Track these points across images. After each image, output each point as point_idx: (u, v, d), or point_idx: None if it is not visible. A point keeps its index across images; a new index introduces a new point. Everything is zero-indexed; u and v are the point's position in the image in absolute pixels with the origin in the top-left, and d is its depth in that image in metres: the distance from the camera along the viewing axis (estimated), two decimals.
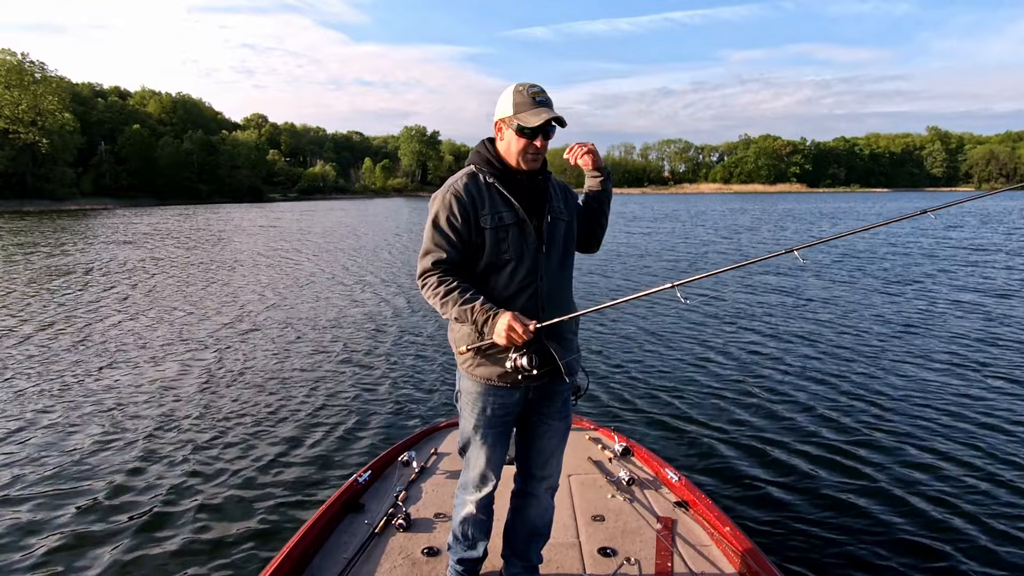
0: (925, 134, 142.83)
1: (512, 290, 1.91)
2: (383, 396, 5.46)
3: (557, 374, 1.96)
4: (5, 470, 4.03)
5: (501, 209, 1.89)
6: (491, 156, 1.95)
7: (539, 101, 1.86)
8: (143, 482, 3.87)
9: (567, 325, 1.97)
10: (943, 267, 13.55)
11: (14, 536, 3.27)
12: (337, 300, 10.27)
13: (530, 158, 1.91)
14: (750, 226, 28.15)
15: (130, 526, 3.36)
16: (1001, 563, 3.01)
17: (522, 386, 1.98)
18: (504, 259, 1.89)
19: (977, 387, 5.50)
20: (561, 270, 2.01)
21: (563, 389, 2.08)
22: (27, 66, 56.88)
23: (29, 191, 54.63)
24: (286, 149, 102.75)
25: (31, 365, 6.44)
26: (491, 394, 1.98)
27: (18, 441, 4.50)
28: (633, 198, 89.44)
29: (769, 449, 4.29)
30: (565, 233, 2.02)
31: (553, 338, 1.94)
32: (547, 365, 1.93)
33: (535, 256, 1.91)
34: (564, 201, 2.05)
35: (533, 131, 1.86)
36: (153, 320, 8.71)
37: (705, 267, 13.87)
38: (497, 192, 1.91)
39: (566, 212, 2.04)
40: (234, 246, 19.91)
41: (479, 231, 1.88)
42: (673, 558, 2.37)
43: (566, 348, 1.99)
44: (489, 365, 1.94)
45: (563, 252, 2.02)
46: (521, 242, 1.90)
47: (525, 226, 1.90)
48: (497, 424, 2.04)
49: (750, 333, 7.67)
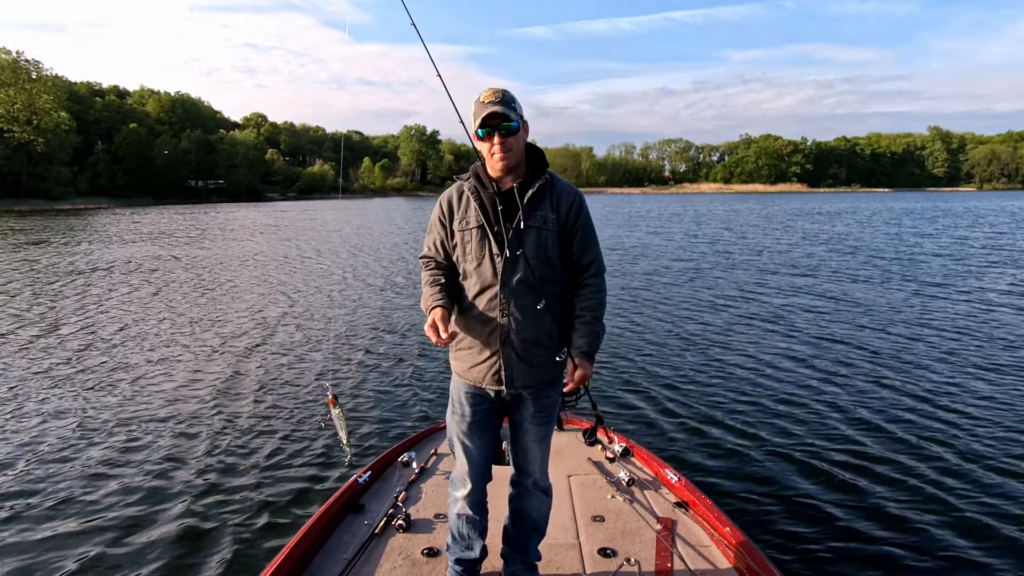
0: (926, 134, 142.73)
1: (475, 292, 1.99)
2: (383, 396, 5.46)
3: (528, 386, 2.02)
4: (5, 470, 4.03)
5: (469, 214, 2.00)
6: (478, 167, 2.04)
7: (488, 103, 1.90)
8: (143, 482, 3.87)
9: (537, 340, 1.97)
10: (910, 256, 13.57)
11: (14, 536, 3.27)
12: (338, 299, 10.27)
13: (495, 158, 1.93)
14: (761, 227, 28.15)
15: (130, 526, 3.36)
16: (1002, 563, 3.01)
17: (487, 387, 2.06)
18: (469, 260, 2.00)
19: (980, 385, 5.51)
20: (537, 279, 1.92)
21: (538, 396, 2.07)
22: (22, 64, 56.56)
23: (24, 190, 54.38)
24: (285, 148, 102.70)
25: (23, 366, 6.44)
26: (463, 387, 2.10)
27: (18, 441, 4.50)
28: (634, 198, 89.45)
29: (769, 449, 4.29)
30: (545, 243, 1.95)
31: (514, 351, 1.97)
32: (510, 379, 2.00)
33: (495, 260, 1.94)
34: (556, 210, 1.97)
35: (484, 132, 1.92)
36: (152, 320, 8.71)
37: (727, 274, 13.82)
38: (470, 199, 2.00)
39: (555, 223, 1.96)
40: (234, 245, 19.91)
41: (452, 235, 2.04)
42: (673, 558, 2.37)
43: (528, 364, 1.99)
44: (459, 360, 2.09)
45: (539, 261, 1.93)
46: (482, 246, 1.97)
47: (486, 231, 1.95)
48: (474, 416, 2.10)
49: (750, 333, 7.68)
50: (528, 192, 1.95)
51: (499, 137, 1.91)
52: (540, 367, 2.02)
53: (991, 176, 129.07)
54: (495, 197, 1.96)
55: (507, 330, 1.96)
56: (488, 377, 2.01)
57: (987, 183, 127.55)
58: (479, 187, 2.00)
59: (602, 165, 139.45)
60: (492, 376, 2.01)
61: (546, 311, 1.97)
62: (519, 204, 1.94)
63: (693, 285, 11.55)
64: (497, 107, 1.87)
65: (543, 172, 2.00)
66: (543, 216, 1.96)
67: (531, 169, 2.01)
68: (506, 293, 1.94)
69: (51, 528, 3.34)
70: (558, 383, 2.11)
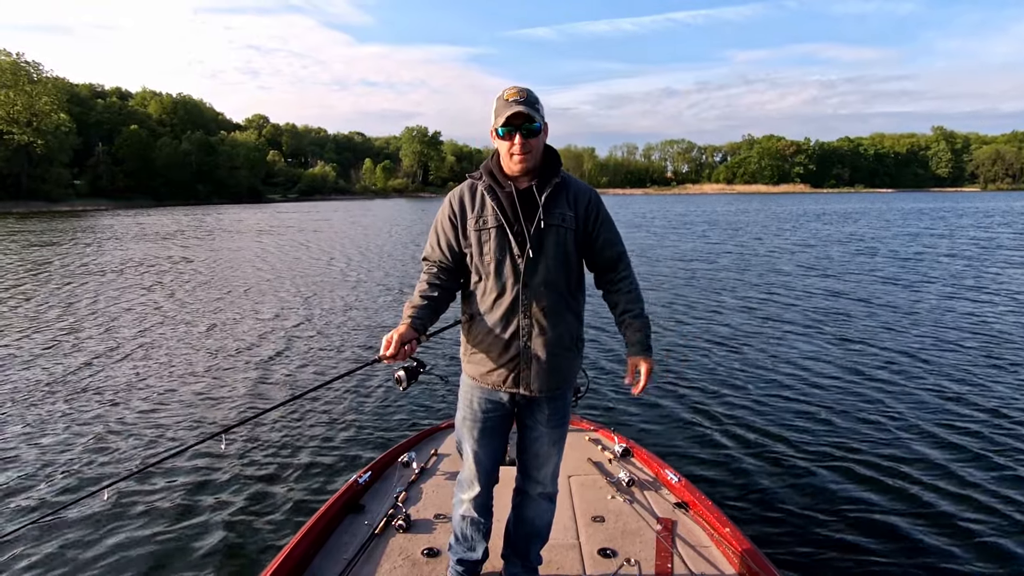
0: (930, 134, 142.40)
1: (494, 294, 1.94)
2: (384, 396, 5.46)
3: (549, 388, 1.98)
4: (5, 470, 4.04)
5: (487, 214, 1.93)
6: (492, 165, 1.99)
7: (512, 102, 1.85)
8: (142, 482, 3.87)
9: (560, 340, 1.94)
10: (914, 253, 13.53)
11: (14, 536, 3.28)
12: (339, 298, 10.28)
13: (515, 159, 1.89)
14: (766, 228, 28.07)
15: (130, 526, 3.36)
16: (1003, 564, 3.00)
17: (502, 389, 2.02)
18: (486, 261, 1.93)
19: (981, 385, 5.49)
20: (557, 279, 1.93)
21: (554, 398, 2.04)
22: (22, 66, 56.53)
23: (24, 192, 54.38)
24: (287, 150, 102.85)
25: (18, 367, 6.46)
26: (478, 391, 2.05)
27: (18, 440, 4.51)
28: (636, 198, 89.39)
29: (769, 450, 4.29)
30: (565, 242, 1.93)
31: (535, 353, 1.93)
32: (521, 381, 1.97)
33: (515, 261, 1.90)
34: (574, 208, 1.95)
35: (505, 131, 1.87)
36: (151, 320, 8.73)
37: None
38: (487, 198, 1.94)
39: (573, 220, 1.95)
40: (236, 246, 19.95)
41: (466, 235, 1.96)
42: (673, 559, 2.36)
43: (548, 366, 1.95)
44: (474, 364, 2.03)
45: (559, 261, 1.92)
46: (502, 246, 1.91)
47: (506, 231, 1.90)
48: (486, 422, 2.05)
49: (750, 333, 7.66)
50: (545, 191, 1.92)
51: (520, 137, 1.86)
52: (562, 369, 1.98)
53: (995, 176, 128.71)
54: (513, 196, 1.92)
55: (529, 332, 1.92)
56: (508, 381, 1.97)
57: (991, 183, 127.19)
58: (495, 186, 1.94)
59: (604, 166, 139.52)
60: (512, 379, 1.96)
61: (568, 311, 1.96)
62: (538, 203, 1.90)
63: (693, 286, 11.54)
64: (521, 107, 1.82)
65: (557, 171, 1.96)
66: (561, 215, 1.93)
67: (545, 169, 1.97)
68: (528, 294, 1.90)
69: (50, 527, 3.34)
70: (572, 384, 2.10)
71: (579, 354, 2.06)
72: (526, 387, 1.96)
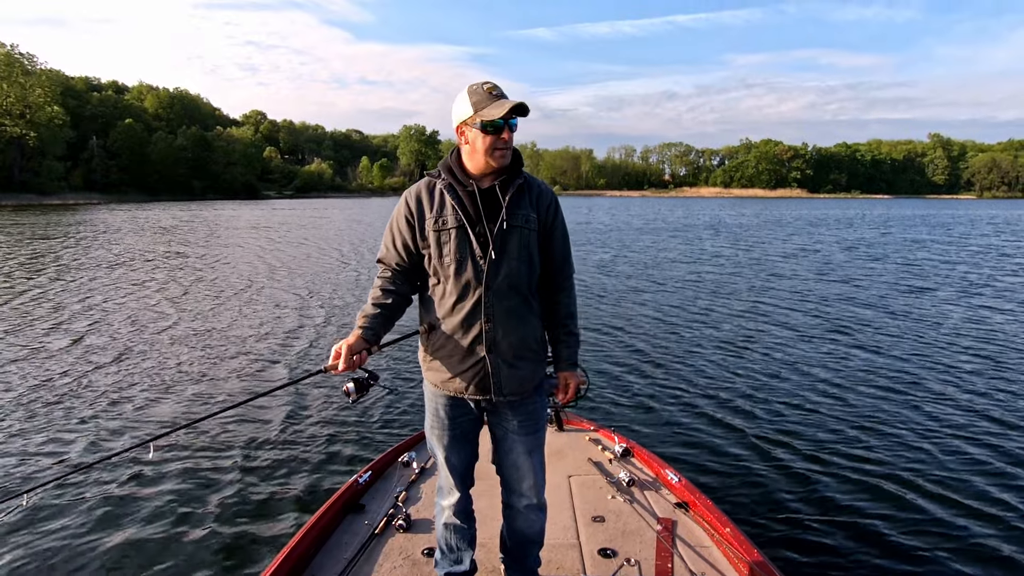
0: (927, 141, 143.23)
1: (455, 297, 1.86)
2: (384, 397, 5.44)
3: (516, 393, 1.93)
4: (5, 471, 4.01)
5: (446, 213, 1.86)
6: (451, 163, 1.91)
7: (496, 95, 1.78)
8: (142, 482, 3.85)
9: (525, 343, 1.89)
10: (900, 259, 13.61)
11: (13, 537, 3.25)
12: (339, 298, 10.26)
13: (499, 154, 1.82)
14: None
15: (129, 526, 3.34)
16: (1004, 565, 3.02)
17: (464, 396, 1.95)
18: (446, 263, 1.86)
19: (983, 391, 5.52)
20: (520, 281, 1.87)
21: (523, 403, 1.97)
22: (16, 58, 55.96)
23: (16, 185, 53.82)
24: (284, 146, 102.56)
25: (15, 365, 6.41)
26: (442, 398, 1.99)
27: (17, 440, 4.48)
28: (633, 201, 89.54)
29: (769, 450, 4.30)
30: (528, 243, 1.88)
31: (500, 357, 1.87)
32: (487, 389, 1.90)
33: (477, 263, 1.83)
34: (536, 209, 1.91)
35: (498, 124, 1.78)
36: (150, 320, 8.69)
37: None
38: (446, 197, 1.87)
39: (535, 222, 1.90)
40: (234, 244, 19.86)
41: (424, 235, 1.88)
42: (673, 559, 2.37)
43: (513, 371, 1.89)
44: (435, 371, 1.96)
45: (523, 262, 1.87)
46: (463, 247, 1.84)
47: (467, 231, 1.83)
48: (454, 428, 2.00)
49: (750, 333, 7.68)
50: (509, 191, 1.86)
51: (508, 133, 1.80)
52: (528, 372, 1.93)
53: (991, 184, 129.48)
54: (475, 195, 1.85)
55: (493, 335, 1.85)
56: (472, 386, 1.89)
57: (987, 191, 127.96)
58: (455, 184, 1.87)
59: (602, 168, 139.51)
60: (476, 385, 1.89)
61: (531, 314, 1.92)
62: (502, 203, 1.84)
63: (694, 288, 11.56)
64: (514, 102, 1.75)
65: (520, 171, 1.91)
66: (525, 215, 1.87)
67: (508, 168, 1.89)
68: (491, 296, 1.83)
69: (50, 527, 3.32)
70: (543, 388, 2.04)
71: (544, 357, 2.01)
72: (491, 393, 1.90)
